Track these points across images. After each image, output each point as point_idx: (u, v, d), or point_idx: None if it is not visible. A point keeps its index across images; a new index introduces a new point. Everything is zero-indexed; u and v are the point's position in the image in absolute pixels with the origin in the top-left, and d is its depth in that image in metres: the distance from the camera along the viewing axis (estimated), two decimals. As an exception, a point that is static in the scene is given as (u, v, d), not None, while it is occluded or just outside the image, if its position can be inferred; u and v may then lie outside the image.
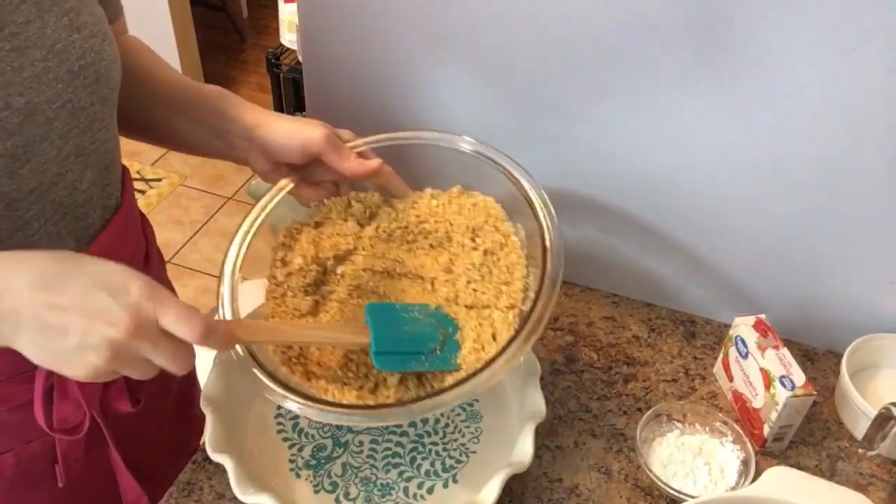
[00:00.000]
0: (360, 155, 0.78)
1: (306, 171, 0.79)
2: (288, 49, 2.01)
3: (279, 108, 2.14)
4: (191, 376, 0.99)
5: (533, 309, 0.69)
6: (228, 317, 0.72)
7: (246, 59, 3.35)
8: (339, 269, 0.79)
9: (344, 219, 0.81)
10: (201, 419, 1.03)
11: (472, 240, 0.78)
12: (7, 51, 0.60)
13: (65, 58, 0.63)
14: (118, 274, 0.55)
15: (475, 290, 0.75)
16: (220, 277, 0.75)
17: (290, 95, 2.08)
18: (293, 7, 1.75)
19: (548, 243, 0.73)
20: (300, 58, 1.64)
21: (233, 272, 0.75)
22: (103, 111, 0.69)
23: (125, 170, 0.80)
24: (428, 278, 0.78)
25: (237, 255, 0.77)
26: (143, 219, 0.88)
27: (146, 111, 0.80)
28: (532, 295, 0.72)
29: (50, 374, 0.70)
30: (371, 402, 0.72)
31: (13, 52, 0.60)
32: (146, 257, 0.86)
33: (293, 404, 0.68)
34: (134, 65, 0.80)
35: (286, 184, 0.80)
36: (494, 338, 0.72)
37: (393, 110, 1.00)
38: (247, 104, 0.79)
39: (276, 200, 0.80)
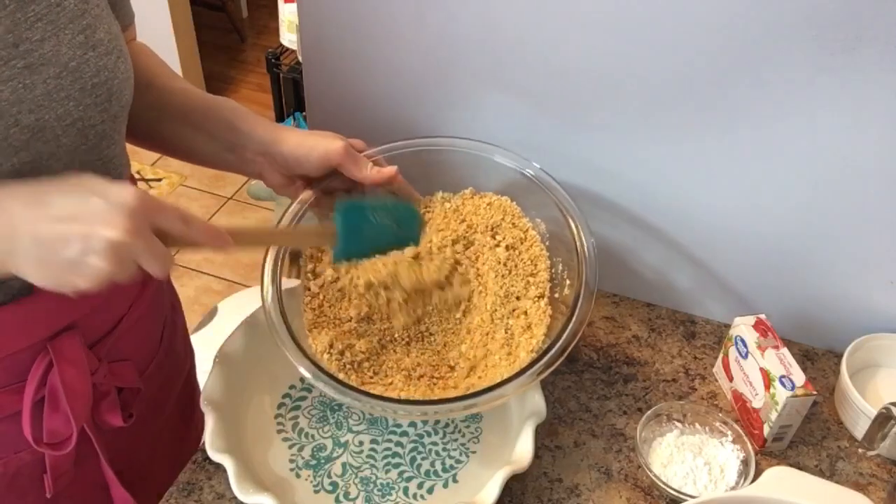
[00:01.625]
0: (374, 163, 0.79)
1: (320, 182, 0.80)
2: (288, 49, 2.01)
3: (279, 107, 2.14)
4: (191, 380, 0.99)
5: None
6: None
7: (246, 59, 3.35)
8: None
9: None
10: (202, 423, 1.03)
11: (493, 237, 0.83)
12: (20, 68, 0.59)
13: (78, 76, 0.63)
14: (108, 183, 0.57)
15: (503, 285, 0.80)
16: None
17: (290, 95, 2.08)
18: (293, 7, 1.75)
19: (583, 282, 0.76)
20: (300, 58, 1.64)
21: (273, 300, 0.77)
22: (113, 128, 0.69)
23: (131, 178, 0.80)
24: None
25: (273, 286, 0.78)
26: None
27: (156, 122, 0.80)
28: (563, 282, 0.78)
29: (41, 386, 0.70)
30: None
31: (26, 69, 0.60)
32: None
33: (365, 404, 0.71)
34: (145, 75, 0.79)
35: (309, 196, 0.81)
36: (530, 327, 0.77)
37: (393, 110, 1.00)
38: (258, 119, 0.79)
39: (300, 213, 0.81)
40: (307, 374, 0.71)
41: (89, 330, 0.73)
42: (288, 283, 0.79)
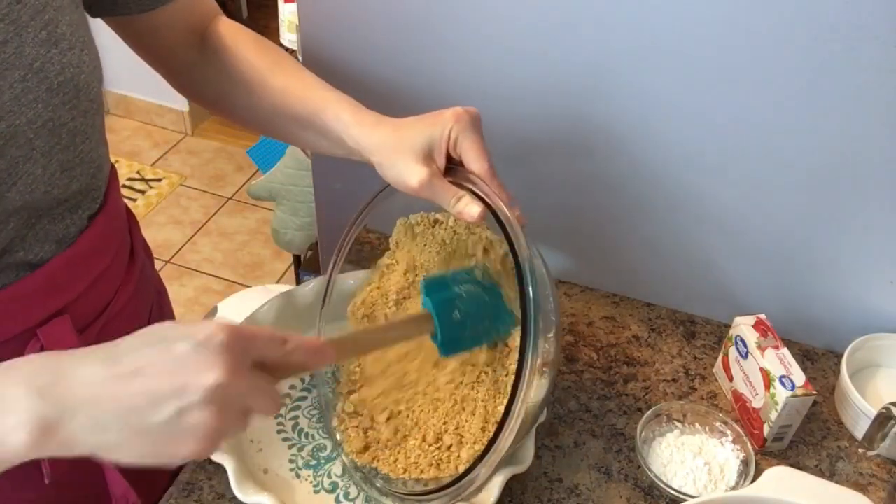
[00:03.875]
0: (472, 190, 0.68)
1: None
2: (288, 49, 2.01)
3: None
4: None
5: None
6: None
7: (246, 59, 3.35)
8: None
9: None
10: None
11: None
12: None
13: (43, 76, 0.60)
14: (187, 325, 0.48)
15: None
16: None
17: (290, 95, 2.07)
18: (293, 7, 1.74)
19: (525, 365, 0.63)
20: (300, 58, 1.64)
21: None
22: (86, 123, 0.66)
23: (112, 168, 0.78)
24: None
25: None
26: (129, 215, 0.85)
27: (278, 125, 0.77)
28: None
29: None
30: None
31: None
32: (131, 254, 0.83)
33: None
34: (241, 74, 0.76)
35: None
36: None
37: (393, 111, 0.99)
38: (358, 127, 0.71)
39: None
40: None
41: (78, 315, 0.72)
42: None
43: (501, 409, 0.68)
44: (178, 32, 0.78)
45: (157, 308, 0.89)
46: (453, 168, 0.69)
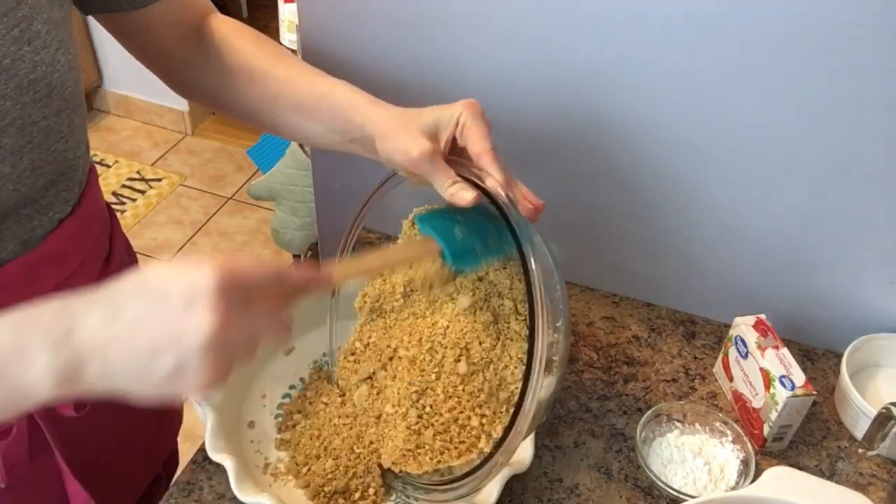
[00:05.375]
0: (467, 176, 0.68)
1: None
2: (288, 49, 2.00)
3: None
4: None
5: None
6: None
7: (246, 59, 3.35)
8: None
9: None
10: (177, 421, 1.01)
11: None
12: None
13: (13, 74, 0.59)
14: (176, 267, 0.49)
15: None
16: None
17: (290, 95, 2.07)
18: (293, 7, 1.74)
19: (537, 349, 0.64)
20: (300, 57, 1.64)
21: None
22: (59, 122, 0.65)
23: (91, 168, 0.76)
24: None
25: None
26: (112, 217, 0.83)
27: (274, 116, 0.76)
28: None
29: None
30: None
31: None
32: (108, 256, 0.80)
33: None
34: (243, 66, 0.75)
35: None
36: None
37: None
38: (372, 105, 0.71)
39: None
40: None
41: None
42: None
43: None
44: (173, 29, 0.76)
45: None
46: (454, 160, 0.69)
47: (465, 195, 0.65)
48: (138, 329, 0.48)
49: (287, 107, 0.75)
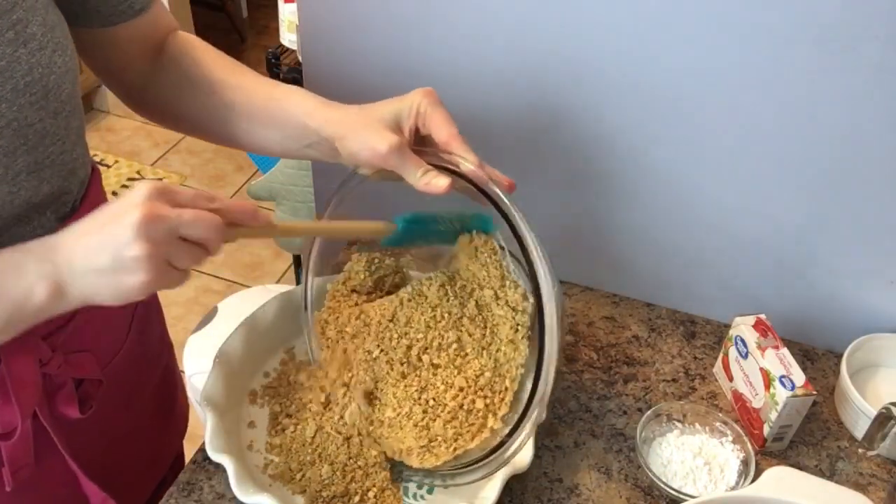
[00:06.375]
0: (438, 165, 0.69)
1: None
2: (288, 49, 2.00)
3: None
4: (170, 376, 0.96)
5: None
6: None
7: (246, 59, 3.34)
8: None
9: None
10: (183, 419, 1.02)
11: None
12: None
13: (9, 76, 0.59)
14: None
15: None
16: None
17: (290, 95, 2.07)
18: (293, 7, 1.74)
19: (547, 321, 0.67)
20: (300, 58, 1.64)
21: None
22: (56, 124, 0.65)
23: (94, 170, 0.77)
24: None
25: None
26: None
27: (230, 125, 0.76)
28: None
29: None
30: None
31: None
32: None
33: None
34: (197, 74, 0.76)
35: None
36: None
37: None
38: (326, 108, 0.72)
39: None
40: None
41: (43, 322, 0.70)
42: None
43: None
44: (138, 46, 0.77)
45: (140, 316, 0.86)
46: (420, 150, 0.70)
47: (438, 182, 0.67)
48: (89, 235, 0.57)
49: (243, 114, 0.75)
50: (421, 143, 0.71)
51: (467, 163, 0.67)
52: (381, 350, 0.78)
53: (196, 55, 0.78)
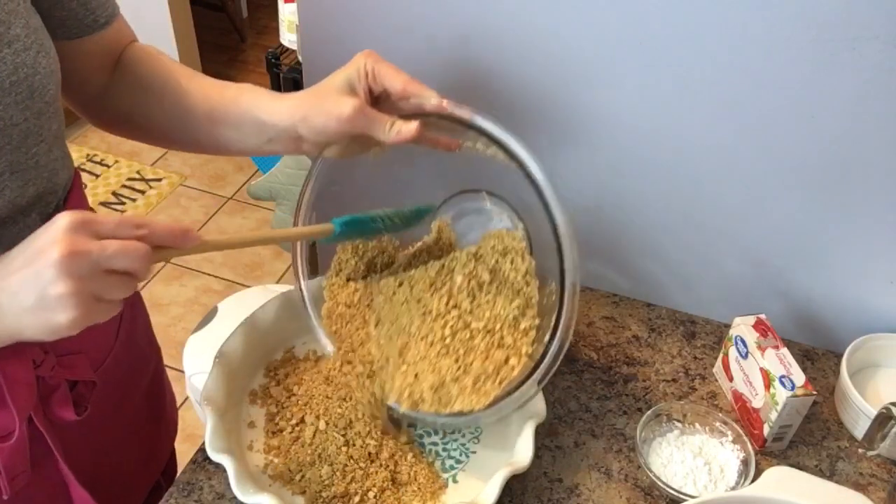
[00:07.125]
0: (403, 117, 0.72)
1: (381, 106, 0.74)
2: (288, 49, 2.00)
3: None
4: (159, 379, 0.96)
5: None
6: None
7: (246, 59, 3.36)
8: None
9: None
10: (172, 427, 1.02)
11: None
12: None
13: None
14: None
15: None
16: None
17: (290, 95, 2.07)
18: (293, 7, 1.75)
19: (567, 284, 0.73)
20: (300, 58, 1.64)
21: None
22: (39, 125, 0.66)
23: (76, 173, 0.77)
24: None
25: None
26: None
27: (189, 128, 0.77)
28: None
29: None
30: None
31: None
32: None
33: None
34: (156, 81, 0.77)
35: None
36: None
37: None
38: (277, 101, 0.74)
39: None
40: None
41: None
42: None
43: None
44: (99, 59, 0.77)
45: (127, 318, 0.86)
46: (380, 108, 0.72)
47: (409, 127, 0.70)
48: (11, 276, 0.55)
49: (201, 117, 0.76)
50: (376, 106, 0.73)
51: (431, 100, 0.71)
52: (404, 307, 0.80)
53: (152, 63, 0.78)
